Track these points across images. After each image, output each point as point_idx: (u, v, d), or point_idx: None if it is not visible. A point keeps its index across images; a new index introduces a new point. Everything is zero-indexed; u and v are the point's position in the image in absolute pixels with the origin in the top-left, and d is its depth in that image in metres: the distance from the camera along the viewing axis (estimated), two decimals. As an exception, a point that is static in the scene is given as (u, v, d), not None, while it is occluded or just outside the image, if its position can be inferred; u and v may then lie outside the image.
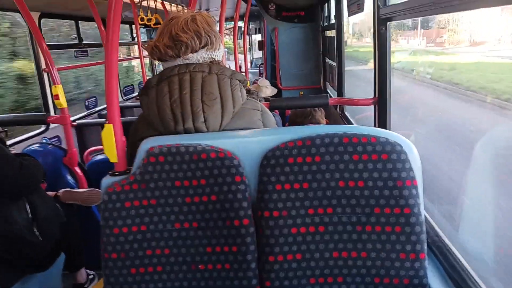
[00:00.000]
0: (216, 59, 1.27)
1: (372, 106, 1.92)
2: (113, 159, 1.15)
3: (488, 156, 1.59)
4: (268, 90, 3.76)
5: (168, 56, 1.21)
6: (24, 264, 1.79)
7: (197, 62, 1.22)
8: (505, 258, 1.38)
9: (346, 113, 3.15)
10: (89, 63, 4.52)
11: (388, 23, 1.72)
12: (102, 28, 3.45)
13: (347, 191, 1.05)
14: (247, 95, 1.25)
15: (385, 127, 1.82)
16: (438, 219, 1.37)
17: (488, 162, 1.58)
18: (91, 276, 2.27)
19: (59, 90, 2.35)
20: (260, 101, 1.33)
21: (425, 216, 1.07)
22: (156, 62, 6.15)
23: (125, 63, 6.34)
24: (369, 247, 1.06)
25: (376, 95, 1.85)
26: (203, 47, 1.22)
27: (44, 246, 1.80)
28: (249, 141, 1.11)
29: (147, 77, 4.89)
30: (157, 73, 1.26)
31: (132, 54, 6.21)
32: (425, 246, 1.05)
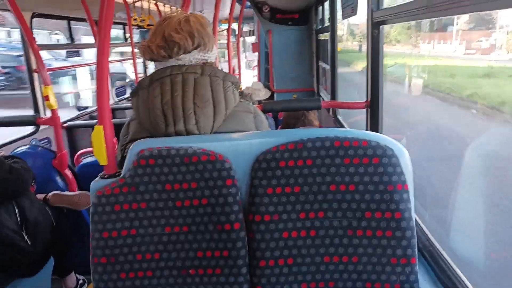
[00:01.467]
0: (209, 60, 1.26)
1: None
2: (103, 161, 1.14)
3: None
4: (262, 93, 3.75)
5: (161, 57, 1.20)
6: (13, 268, 1.76)
7: (190, 63, 1.21)
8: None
9: (338, 116, 3.15)
10: (80, 64, 4.49)
11: (381, 26, 1.72)
12: (95, 28, 3.43)
13: (338, 195, 1.04)
14: (240, 98, 1.25)
15: (377, 131, 1.82)
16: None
17: None
18: (81, 281, 2.24)
19: (49, 91, 2.32)
20: (253, 104, 1.33)
21: (416, 221, 1.07)
22: (149, 64, 6.12)
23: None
24: (360, 252, 1.05)
25: (368, 98, 1.85)
26: (195, 48, 1.21)
27: (33, 250, 1.78)
28: (241, 144, 1.10)
29: (140, 78, 4.86)
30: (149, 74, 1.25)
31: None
32: (416, 251, 1.04)
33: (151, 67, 6.03)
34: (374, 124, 1.82)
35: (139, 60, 5.29)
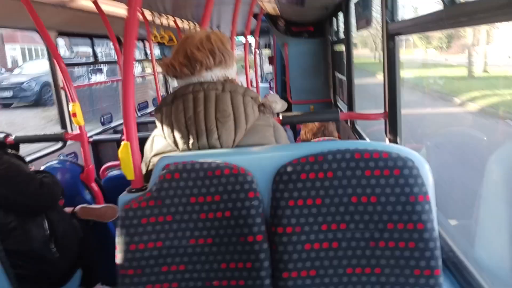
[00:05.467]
0: (229, 77, 1.30)
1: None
2: (130, 176, 1.18)
3: None
4: (278, 106, 3.73)
5: (183, 74, 1.25)
6: (42, 280, 1.82)
7: (211, 80, 1.26)
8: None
9: (357, 126, 3.15)
10: (105, 80, 4.65)
11: (397, 37, 1.74)
12: (117, 45, 3.55)
13: (360, 206, 1.05)
14: (261, 110, 1.28)
15: (396, 141, 1.82)
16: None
17: None
18: None
19: (76, 108, 2.41)
20: (274, 115, 1.36)
21: (439, 232, 1.07)
22: (170, 79, 6.25)
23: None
24: (383, 263, 1.05)
25: (387, 109, 1.86)
26: (217, 66, 1.25)
27: (61, 262, 1.84)
28: (262, 157, 1.12)
29: (161, 93, 4.96)
30: (171, 89, 1.30)
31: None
32: (440, 262, 1.04)
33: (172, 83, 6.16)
34: (393, 134, 1.82)
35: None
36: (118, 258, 1.13)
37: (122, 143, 1.17)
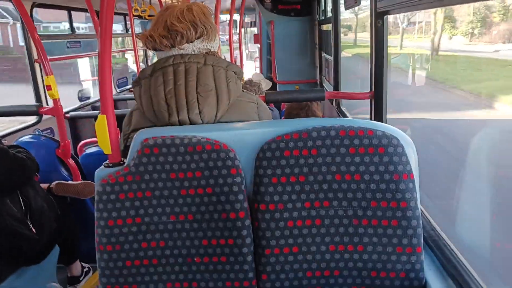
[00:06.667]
0: (211, 50, 1.25)
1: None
2: (107, 150, 1.14)
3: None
4: (263, 84, 3.68)
5: (163, 46, 1.19)
6: (19, 257, 1.77)
7: (193, 52, 1.21)
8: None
9: (342, 107, 3.15)
10: (82, 54, 4.47)
11: (385, 16, 1.71)
12: (96, 19, 3.40)
13: (343, 184, 1.04)
14: (247, 88, 1.24)
15: (381, 121, 1.81)
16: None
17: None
18: (86, 269, 2.26)
19: (51, 81, 2.31)
20: (260, 94, 1.33)
21: (421, 210, 1.07)
22: (150, 54, 6.08)
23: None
24: (365, 241, 1.06)
25: (373, 89, 1.84)
26: (198, 38, 1.20)
27: (38, 239, 1.79)
28: (245, 133, 1.10)
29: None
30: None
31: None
32: (422, 240, 1.05)
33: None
34: (378, 114, 1.82)
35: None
36: (96, 234, 1.10)
37: (99, 116, 1.12)
